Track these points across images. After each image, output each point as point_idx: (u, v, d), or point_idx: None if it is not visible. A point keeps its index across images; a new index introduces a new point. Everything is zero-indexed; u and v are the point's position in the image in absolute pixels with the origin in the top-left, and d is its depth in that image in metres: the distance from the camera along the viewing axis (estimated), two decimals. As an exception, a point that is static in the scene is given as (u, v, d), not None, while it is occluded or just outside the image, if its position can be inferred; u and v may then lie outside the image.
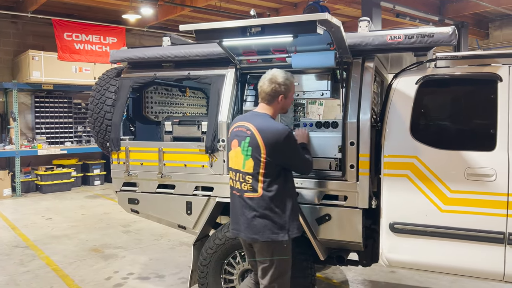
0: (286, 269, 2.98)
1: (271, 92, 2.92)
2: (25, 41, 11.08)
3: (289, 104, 3.06)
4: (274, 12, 11.22)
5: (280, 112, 3.06)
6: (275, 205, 2.85)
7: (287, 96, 2.98)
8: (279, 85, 2.91)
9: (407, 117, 3.25)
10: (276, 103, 2.96)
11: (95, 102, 4.16)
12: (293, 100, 3.18)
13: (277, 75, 2.93)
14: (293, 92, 3.06)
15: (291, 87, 2.99)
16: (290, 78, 2.98)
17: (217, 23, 2.88)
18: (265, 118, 2.93)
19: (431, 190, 3.11)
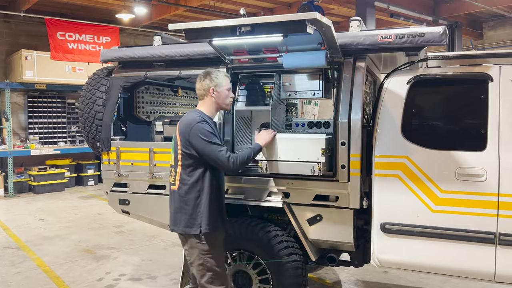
0: (212, 265, 2.98)
1: (201, 87, 3.02)
2: (18, 40, 11.00)
3: (224, 98, 3.06)
4: (269, 11, 11.20)
5: (219, 107, 3.10)
6: (189, 198, 2.93)
7: (218, 89, 3.00)
8: (207, 79, 2.99)
9: (398, 117, 3.24)
10: (209, 98, 3.02)
11: (86, 102, 4.13)
12: (229, 96, 3.10)
13: (207, 71, 3.04)
14: (227, 86, 3.06)
15: (221, 80, 3.02)
16: (220, 73, 3.05)
17: (206, 22, 2.86)
18: (192, 112, 3.02)
19: (422, 191, 3.10)
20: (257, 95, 3.84)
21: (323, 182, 3.32)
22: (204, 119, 2.94)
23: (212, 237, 2.96)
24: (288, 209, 3.44)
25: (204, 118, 2.95)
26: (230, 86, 3.11)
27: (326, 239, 3.38)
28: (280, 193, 3.47)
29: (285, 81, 3.72)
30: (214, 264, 2.98)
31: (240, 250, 3.54)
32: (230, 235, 3.52)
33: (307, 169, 3.08)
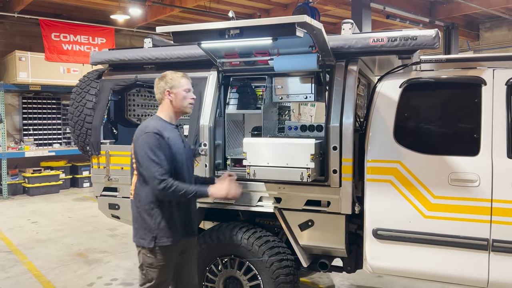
0: (153, 278, 2.81)
1: (157, 90, 2.88)
2: (13, 41, 10.93)
3: (181, 100, 2.85)
4: (265, 13, 11.16)
5: (178, 111, 2.89)
6: (143, 209, 2.78)
7: (174, 90, 2.82)
8: (163, 82, 2.85)
9: (391, 121, 3.19)
10: (166, 101, 2.86)
11: (76, 105, 4.07)
12: (188, 98, 2.87)
13: (163, 74, 2.89)
14: (184, 87, 2.85)
15: (177, 81, 2.83)
16: (177, 74, 2.87)
17: (195, 25, 2.82)
18: (150, 119, 2.89)
19: (414, 196, 3.05)
20: (248, 98, 3.79)
21: (315, 187, 3.27)
22: (156, 130, 2.72)
23: (164, 251, 2.79)
24: (279, 214, 3.39)
25: (156, 129, 2.73)
26: (188, 87, 2.88)
27: (317, 244, 3.33)
28: (271, 198, 3.42)
29: (277, 84, 3.68)
30: (155, 277, 2.81)
31: (231, 255, 3.49)
32: (220, 241, 3.48)
33: (296, 175, 3.02)
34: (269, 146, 3.11)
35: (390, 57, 3.63)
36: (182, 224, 2.88)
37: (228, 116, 3.71)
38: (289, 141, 3.13)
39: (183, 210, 2.90)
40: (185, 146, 2.96)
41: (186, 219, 2.93)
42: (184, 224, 2.91)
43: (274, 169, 3.10)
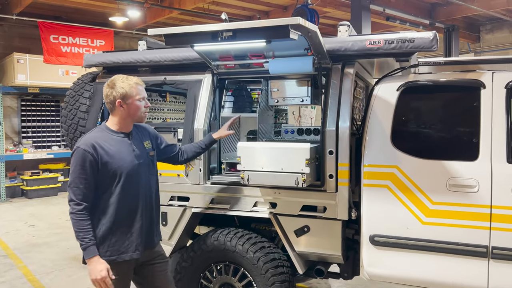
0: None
1: (106, 99, 2.62)
2: (12, 43, 10.89)
3: (135, 110, 2.62)
4: (264, 15, 11.12)
5: (131, 119, 2.66)
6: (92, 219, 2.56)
7: (126, 101, 2.58)
8: (114, 90, 2.58)
9: (388, 125, 3.13)
10: (118, 110, 2.61)
11: (69, 108, 4.02)
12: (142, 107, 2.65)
13: (112, 80, 2.63)
14: (138, 96, 2.61)
15: (128, 90, 2.57)
16: (128, 81, 2.61)
17: (187, 27, 2.76)
18: (93, 129, 2.71)
19: (412, 202, 2.99)
20: (244, 101, 3.74)
21: (311, 192, 3.21)
22: (87, 146, 2.50)
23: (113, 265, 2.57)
24: (275, 220, 3.32)
25: (89, 144, 2.51)
26: (142, 95, 2.64)
27: (314, 251, 3.27)
28: (266, 203, 3.36)
29: (273, 87, 3.63)
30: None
31: (226, 262, 3.42)
32: (215, 247, 3.41)
33: (291, 180, 2.96)
34: (264, 151, 3.05)
35: (389, 60, 3.56)
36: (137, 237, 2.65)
37: (223, 119, 3.65)
38: (284, 145, 3.07)
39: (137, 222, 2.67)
40: (140, 156, 2.68)
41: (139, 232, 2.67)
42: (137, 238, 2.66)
43: (269, 174, 3.04)
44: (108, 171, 2.56)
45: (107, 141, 2.60)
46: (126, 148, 2.66)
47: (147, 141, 2.84)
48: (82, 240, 2.47)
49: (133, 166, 2.64)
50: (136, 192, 2.67)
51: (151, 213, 2.81)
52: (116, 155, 2.59)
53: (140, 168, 2.69)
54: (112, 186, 2.59)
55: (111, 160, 2.57)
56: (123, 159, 2.61)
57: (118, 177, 2.59)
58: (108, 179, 2.58)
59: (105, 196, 2.59)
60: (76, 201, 2.49)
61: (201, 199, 3.54)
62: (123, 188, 2.61)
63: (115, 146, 2.61)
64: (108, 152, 2.57)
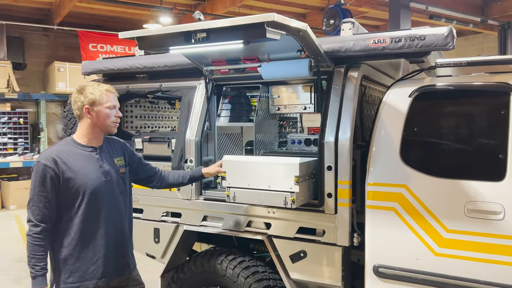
0: None
1: (75, 105, 2.43)
2: (56, 52, 11.32)
3: (103, 118, 2.42)
4: (301, 17, 10.74)
5: (99, 129, 2.46)
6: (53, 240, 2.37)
7: (94, 107, 2.39)
8: (82, 96, 2.40)
9: (397, 137, 2.68)
10: (85, 120, 2.43)
11: (69, 117, 3.91)
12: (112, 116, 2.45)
13: (82, 86, 2.45)
14: (108, 104, 2.42)
15: (98, 96, 2.39)
16: (99, 87, 2.43)
17: (157, 29, 2.50)
18: (59, 142, 2.51)
19: (422, 228, 2.52)
20: (242, 109, 3.42)
21: (307, 213, 2.83)
22: (48, 160, 2.30)
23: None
24: (268, 242, 2.97)
25: (50, 159, 2.31)
26: (113, 104, 2.45)
27: (311, 279, 2.87)
28: (260, 222, 3.02)
29: (274, 93, 3.29)
30: None
31: (216, 286, 3.12)
32: (204, 269, 3.12)
33: (279, 199, 2.59)
34: (250, 166, 2.71)
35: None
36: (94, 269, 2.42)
37: (220, 129, 3.36)
38: (271, 160, 2.71)
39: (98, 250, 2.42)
40: (107, 173, 2.46)
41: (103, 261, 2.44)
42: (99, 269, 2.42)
43: (255, 192, 2.69)
44: (70, 188, 2.35)
45: (71, 155, 2.39)
46: (92, 163, 2.44)
47: (119, 158, 2.60)
48: (32, 267, 2.27)
49: (99, 183, 2.41)
50: (102, 212, 2.44)
51: (123, 236, 2.57)
52: (80, 171, 2.38)
53: (108, 186, 2.46)
54: (74, 205, 2.38)
55: (74, 176, 2.35)
56: (87, 176, 2.39)
57: (81, 195, 2.37)
58: (71, 197, 2.37)
59: (67, 216, 2.38)
60: (33, 222, 2.30)
61: (193, 215, 3.26)
62: (87, 207, 2.38)
63: (79, 161, 2.40)
64: (71, 167, 2.36)
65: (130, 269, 2.60)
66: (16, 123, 10.49)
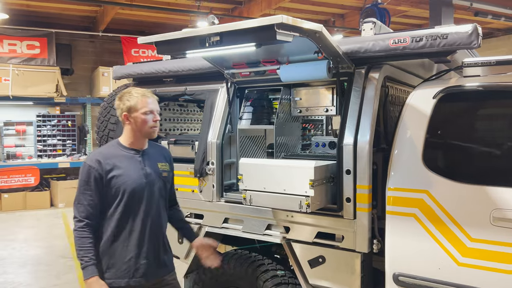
0: None
1: (117, 112, 2.54)
2: (102, 58, 11.81)
3: (141, 124, 2.46)
4: (340, 18, 10.57)
5: (140, 134, 2.51)
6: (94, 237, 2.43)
7: (131, 114, 2.46)
8: (121, 103, 2.50)
9: (420, 140, 2.57)
10: (127, 124, 2.51)
11: (101, 119, 4.06)
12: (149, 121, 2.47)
13: (122, 92, 2.54)
14: (144, 109, 2.45)
15: (134, 103, 2.45)
16: (136, 93, 2.48)
17: (176, 33, 2.53)
18: (106, 144, 2.61)
19: (444, 236, 2.40)
20: (264, 112, 3.41)
21: (326, 217, 2.77)
22: (93, 161, 2.41)
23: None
24: (287, 246, 2.94)
25: (95, 160, 2.42)
26: (149, 109, 2.47)
27: (329, 286, 2.81)
28: (280, 226, 2.99)
29: (296, 96, 3.25)
30: None
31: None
32: (224, 271, 3.13)
33: (294, 204, 2.56)
34: (265, 169, 2.70)
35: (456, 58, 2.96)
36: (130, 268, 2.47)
37: (242, 131, 3.36)
38: (286, 163, 2.68)
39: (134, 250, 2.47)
40: (148, 175, 2.52)
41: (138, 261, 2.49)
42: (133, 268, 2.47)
43: (271, 196, 2.67)
44: (111, 187, 2.44)
45: (116, 156, 2.49)
46: (135, 165, 2.51)
47: (164, 163, 2.66)
48: (81, 259, 2.35)
49: (139, 184, 2.48)
50: (139, 213, 2.50)
51: (159, 239, 2.59)
52: (122, 171, 2.46)
53: (148, 188, 2.52)
54: (113, 204, 2.46)
55: (115, 176, 2.44)
56: (128, 176, 2.47)
57: (121, 194, 2.45)
58: (111, 196, 2.45)
59: (106, 214, 2.47)
60: (78, 218, 2.41)
61: (214, 217, 3.29)
62: (125, 206, 2.46)
63: (122, 162, 2.49)
64: (114, 168, 2.45)
65: (164, 271, 2.62)
66: (64, 126, 11.05)
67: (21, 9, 9.46)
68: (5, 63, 9.73)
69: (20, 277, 5.58)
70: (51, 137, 10.88)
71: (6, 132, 10.51)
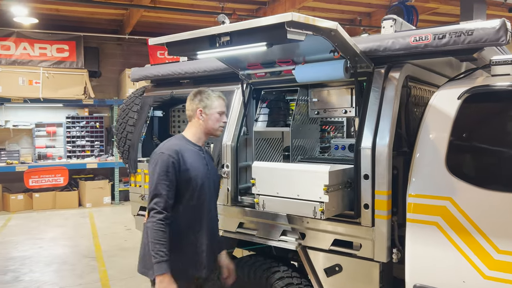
0: None
1: (189, 107, 2.63)
2: (128, 60, 11.97)
3: (213, 122, 2.61)
4: (366, 16, 10.33)
5: (208, 132, 2.65)
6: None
7: (207, 111, 2.59)
8: (197, 99, 2.60)
9: (443, 144, 2.41)
10: (196, 120, 2.61)
11: (120, 121, 4.07)
12: (220, 121, 2.64)
13: (198, 90, 2.64)
14: (218, 109, 2.62)
15: (212, 101, 2.60)
16: (214, 93, 2.63)
17: (184, 34, 2.48)
18: (172, 138, 2.64)
19: (469, 247, 2.23)
20: (281, 114, 3.31)
21: (343, 224, 2.65)
22: (171, 151, 2.46)
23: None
24: (303, 253, 2.83)
25: (172, 150, 2.47)
26: (223, 110, 2.65)
27: (346, 296, 2.69)
28: (295, 232, 2.89)
29: (313, 96, 3.14)
30: None
31: (250, 295, 3.04)
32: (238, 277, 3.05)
33: (308, 209, 2.45)
34: (278, 173, 2.60)
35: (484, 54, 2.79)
36: (195, 259, 2.54)
37: (258, 134, 3.28)
38: (300, 167, 2.58)
39: (196, 240, 2.55)
40: (209, 172, 2.64)
41: (200, 251, 2.56)
42: (198, 260, 2.55)
43: (284, 201, 2.58)
44: (183, 180, 2.48)
45: (186, 150, 2.55)
46: (201, 161, 2.60)
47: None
48: (157, 253, 2.33)
49: (205, 180, 2.58)
50: (205, 207, 2.59)
51: (215, 235, 2.71)
52: (192, 165, 2.53)
53: (210, 185, 2.63)
54: (185, 197, 2.50)
55: (188, 170, 2.50)
56: (198, 170, 2.55)
57: (192, 187, 2.51)
58: (183, 189, 2.49)
59: (178, 207, 2.50)
60: (157, 209, 2.39)
61: (229, 221, 3.21)
62: (196, 200, 2.53)
63: (192, 156, 2.55)
64: (186, 161, 2.50)
65: (215, 266, 2.73)
66: (93, 127, 11.27)
67: (51, 14, 9.70)
68: (36, 66, 10.00)
69: (46, 276, 5.69)
70: (80, 138, 11.11)
71: (37, 133, 10.81)
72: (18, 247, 7.00)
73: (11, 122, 10.41)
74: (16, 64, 9.90)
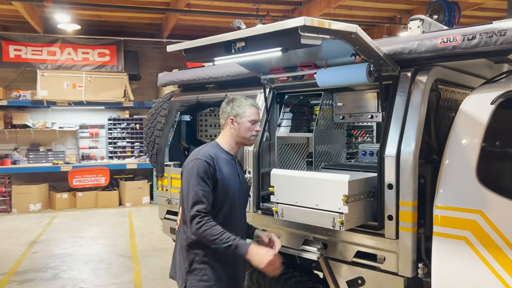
0: None
1: (222, 115, 2.57)
2: (167, 63, 12.19)
3: (244, 131, 2.50)
4: (406, 14, 9.94)
5: (239, 140, 2.54)
6: (183, 246, 2.43)
7: (238, 119, 2.49)
8: (229, 107, 2.52)
9: (474, 153, 2.25)
10: (228, 129, 2.54)
11: (148, 125, 4.13)
12: (253, 130, 2.51)
13: (231, 98, 2.57)
14: (250, 118, 2.49)
15: (244, 110, 2.49)
16: (246, 101, 2.53)
17: (200, 40, 2.45)
18: (206, 145, 2.57)
19: (500, 264, 2.06)
20: (304, 119, 3.22)
21: (367, 236, 2.53)
22: (207, 157, 2.40)
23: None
24: (324, 264, 2.74)
25: (208, 156, 2.41)
26: (255, 118, 2.53)
27: (369, 311, 2.56)
28: (317, 242, 2.79)
29: (337, 101, 3.03)
30: None
31: (271, 306, 2.98)
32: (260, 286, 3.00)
33: (327, 220, 2.35)
34: (297, 181, 2.52)
35: None
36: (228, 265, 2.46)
37: (281, 139, 3.21)
38: (319, 176, 2.47)
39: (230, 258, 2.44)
40: (241, 182, 2.58)
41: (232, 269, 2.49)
42: (229, 275, 2.48)
43: (303, 210, 2.49)
44: (217, 188, 2.44)
45: (219, 158, 2.51)
46: (233, 170, 2.56)
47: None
48: (227, 240, 2.28)
49: (237, 189, 2.54)
50: (236, 216, 2.53)
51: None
52: (226, 174, 2.49)
53: (241, 194, 2.58)
54: (218, 205, 2.44)
55: (222, 178, 2.46)
56: (231, 179, 2.51)
57: (224, 196, 2.46)
58: (216, 196, 2.44)
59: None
60: (202, 214, 2.33)
61: (250, 228, 3.16)
62: (229, 208, 2.48)
63: (225, 165, 2.51)
64: (221, 169, 2.47)
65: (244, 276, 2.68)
66: (133, 129, 11.58)
67: (93, 19, 10.05)
68: (79, 70, 10.41)
69: (83, 274, 5.88)
70: (121, 139, 11.45)
71: (81, 134, 11.25)
72: (60, 244, 7.30)
73: (57, 124, 10.89)
74: (61, 69, 10.35)
